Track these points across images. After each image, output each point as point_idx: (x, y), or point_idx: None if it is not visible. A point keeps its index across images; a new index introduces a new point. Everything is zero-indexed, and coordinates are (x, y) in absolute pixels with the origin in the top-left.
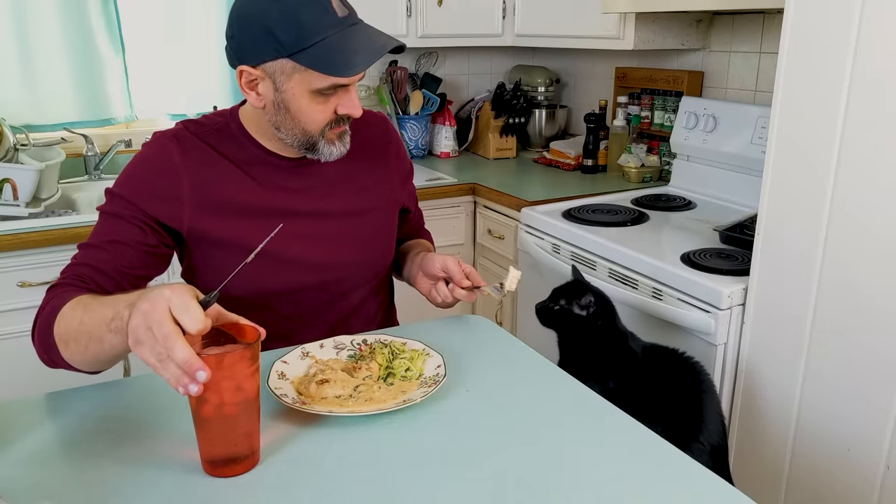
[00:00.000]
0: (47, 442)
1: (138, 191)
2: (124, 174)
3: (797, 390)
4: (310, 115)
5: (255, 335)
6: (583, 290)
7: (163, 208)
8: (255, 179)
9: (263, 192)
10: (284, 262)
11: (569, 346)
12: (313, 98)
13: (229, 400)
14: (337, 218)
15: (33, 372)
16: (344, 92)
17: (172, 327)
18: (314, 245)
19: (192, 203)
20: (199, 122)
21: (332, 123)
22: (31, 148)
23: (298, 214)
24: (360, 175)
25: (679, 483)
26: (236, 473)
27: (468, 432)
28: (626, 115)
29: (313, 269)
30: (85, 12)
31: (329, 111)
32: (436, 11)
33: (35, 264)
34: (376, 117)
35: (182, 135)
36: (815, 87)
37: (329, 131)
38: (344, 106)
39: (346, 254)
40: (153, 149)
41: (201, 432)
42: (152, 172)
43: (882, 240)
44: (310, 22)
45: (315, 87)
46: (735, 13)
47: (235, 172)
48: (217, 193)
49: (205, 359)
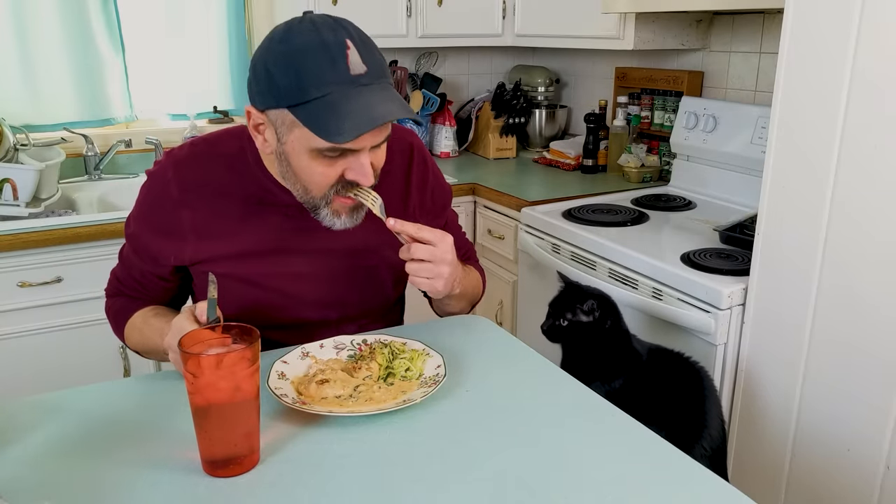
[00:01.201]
0: (47, 442)
1: (145, 229)
2: (135, 206)
3: (797, 390)
4: (311, 175)
5: (256, 335)
6: (581, 296)
7: (167, 245)
8: (261, 217)
9: (269, 230)
10: (283, 298)
11: (574, 351)
12: (314, 158)
13: (229, 400)
14: (346, 256)
15: (33, 372)
16: (353, 155)
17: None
18: (315, 282)
19: (193, 236)
20: (212, 143)
21: (338, 189)
22: (31, 148)
23: (304, 253)
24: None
25: (679, 483)
26: (236, 473)
27: (468, 432)
28: (626, 115)
29: (314, 305)
30: (85, 12)
31: (333, 174)
32: (436, 11)
33: (35, 264)
34: (400, 145)
35: (186, 162)
36: (815, 87)
37: (336, 198)
38: (352, 170)
39: (352, 292)
40: (155, 180)
41: (201, 432)
42: (154, 208)
43: (882, 240)
44: (311, 73)
45: (314, 146)
46: (735, 13)
47: (239, 209)
48: (215, 227)
49: (204, 359)
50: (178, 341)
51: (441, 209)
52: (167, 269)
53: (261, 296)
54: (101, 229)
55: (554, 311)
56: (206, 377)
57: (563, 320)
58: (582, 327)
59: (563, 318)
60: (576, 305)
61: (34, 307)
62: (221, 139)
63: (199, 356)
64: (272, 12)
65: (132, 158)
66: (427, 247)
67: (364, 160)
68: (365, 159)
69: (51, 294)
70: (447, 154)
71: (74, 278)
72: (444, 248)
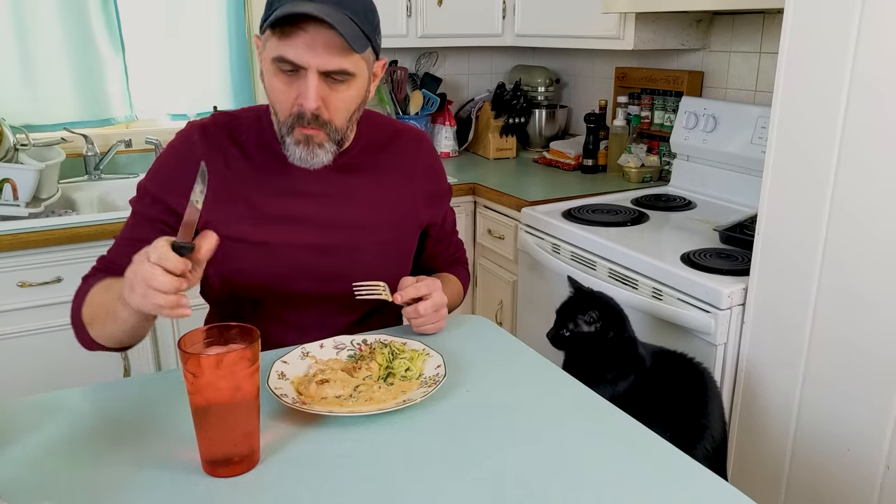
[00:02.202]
0: (47, 442)
1: (162, 183)
2: (153, 165)
3: (797, 390)
4: (274, 94)
5: (256, 335)
6: (586, 304)
7: (184, 200)
8: (273, 181)
9: (279, 194)
10: (292, 268)
11: (577, 356)
12: (275, 71)
13: (229, 400)
14: (350, 229)
15: (33, 372)
16: (303, 77)
17: (149, 265)
18: (324, 254)
19: (211, 196)
20: (234, 114)
21: (297, 119)
22: (31, 148)
23: (313, 222)
24: (382, 187)
25: (679, 483)
26: (236, 473)
27: (468, 432)
28: (626, 115)
29: (321, 278)
30: (85, 12)
31: (290, 95)
32: (436, 11)
33: (35, 264)
34: (411, 132)
35: (210, 127)
36: (815, 87)
37: (297, 128)
38: (301, 94)
39: (355, 266)
40: (180, 140)
41: (201, 432)
42: (176, 163)
43: (882, 240)
44: None
45: (272, 55)
46: (735, 13)
47: (255, 172)
48: (235, 190)
49: (204, 359)
50: (178, 341)
51: (437, 197)
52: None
53: (267, 263)
54: (101, 229)
55: (559, 319)
56: (206, 377)
57: (565, 330)
58: (584, 337)
59: (565, 328)
60: (577, 315)
61: (34, 307)
62: (241, 111)
63: (199, 356)
64: None
65: (132, 158)
66: (429, 302)
67: (309, 81)
68: (311, 80)
69: (51, 294)
70: (447, 154)
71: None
72: (438, 294)
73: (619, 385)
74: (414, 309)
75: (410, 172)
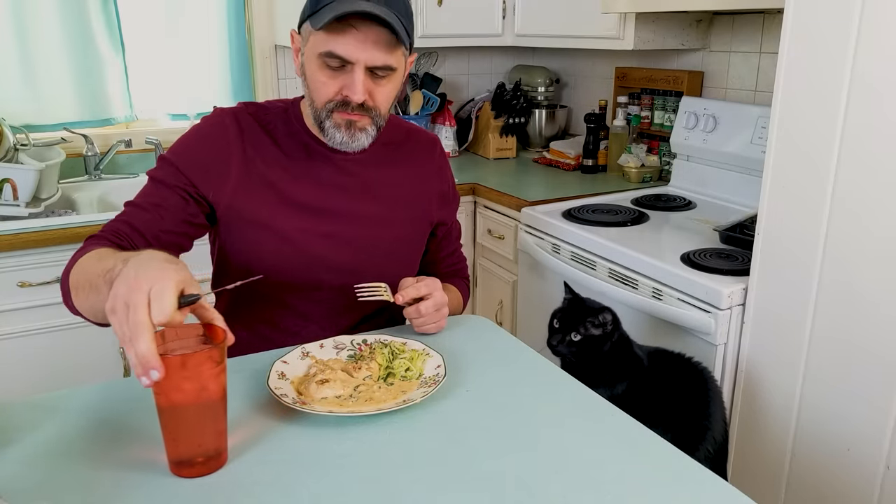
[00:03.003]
0: (47, 442)
1: (188, 159)
2: (179, 142)
3: (797, 390)
4: (316, 84)
5: (223, 337)
6: (589, 309)
7: (208, 180)
8: (298, 168)
9: (303, 182)
10: (308, 257)
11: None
12: (321, 66)
13: (194, 401)
14: (366, 222)
15: (33, 372)
16: (349, 72)
17: (145, 317)
18: (340, 245)
19: (237, 180)
20: (261, 105)
21: (339, 105)
22: (31, 148)
23: (331, 213)
24: (399, 183)
25: (679, 483)
26: (202, 474)
27: (468, 432)
28: (626, 115)
29: (334, 269)
30: (85, 12)
31: (334, 87)
32: (436, 11)
33: (35, 264)
34: (427, 135)
35: (241, 114)
36: (816, 86)
37: (337, 113)
38: (346, 86)
39: (368, 259)
40: (212, 122)
41: (166, 432)
42: (206, 144)
43: (882, 240)
44: None
45: (319, 50)
46: (735, 13)
47: (282, 159)
48: (261, 175)
49: (169, 359)
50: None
51: (447, 199)
52: (197, 207)
53: (286, 249)
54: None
55: (564, 325)
56: (171, 378)
57: (575, 335)
58: (594, 341)
59: (575, 333)
60: (587, 319)
61: (34, 307)
62: (268, 103)
63: (163, 357)
64: (272, 12)
65: (132, 158)
66: (430, 301)
67: (357, 76)
68: (358, 75)
69: (51, 294)
70: (447, 154)
71: None
72: (439, 294)
73: (618, 387)
74: (415, 309)
75: (425, 172)
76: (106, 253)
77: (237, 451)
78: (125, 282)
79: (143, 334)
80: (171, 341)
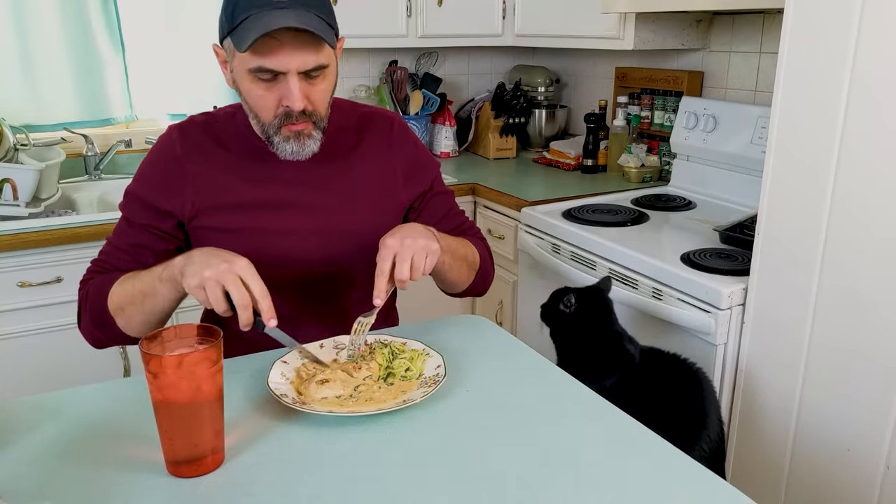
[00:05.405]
0: (47, 442)
1: (146, 187)
2: (138, 170)
3: (797, 390)
4: (253, 100)
5: (218, 336)
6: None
7: (169, 200)
8: (253, 171)
9: (259, 183)
10: (277, 255)
11: (560, 344)
12: (253, 80)
13: (190, 400)
14: (329, 212)
15: (33, 372)
16: (284, 81)
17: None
18: (306, 239)
19: (194, 192)
20: (210, 113)
21: (283, 119)
22: (31, 148)
23: (293, 207)
24: (359, 171)
25: (679, 483)
26: (198, 474)
27: (468, 432)
28: (626, 115)
29: (306, 262)
30: (85, 12)
31: (272, 99)
32: (436, 11)
33: (35, 264)
34: (380, 114)
35: (188, 127)
36: (815, 86)
37: (284, 127)
38: (285, 97)
39: (338, 249)
40: (159, 142)
41: (163, 432)
42: (157, 165)
43: (882, 240)
44: (240, 2)
45: (249, 66)
46: (735, 13)
47: (234, 164)
48: (216, 183)
49: (166, 359)
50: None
51: (424, 173)
52: (169, 224)
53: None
54: (101, 229)
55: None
56: (168, 377)
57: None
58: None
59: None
60: (563, 298)
61: (34, 307)
62: (217, 111)
63: (160, 357)
64: None
65: (132, 158)
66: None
67: (292, 84)
68: (293, 84)
69: (51, 294)
70: (447, 154)
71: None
72: (393, 239)
73: (606, 381)
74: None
75: (384, 152)
76: (134, 273)
77: (237, 451)
78: (215, 255)
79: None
80: (169, 341)
